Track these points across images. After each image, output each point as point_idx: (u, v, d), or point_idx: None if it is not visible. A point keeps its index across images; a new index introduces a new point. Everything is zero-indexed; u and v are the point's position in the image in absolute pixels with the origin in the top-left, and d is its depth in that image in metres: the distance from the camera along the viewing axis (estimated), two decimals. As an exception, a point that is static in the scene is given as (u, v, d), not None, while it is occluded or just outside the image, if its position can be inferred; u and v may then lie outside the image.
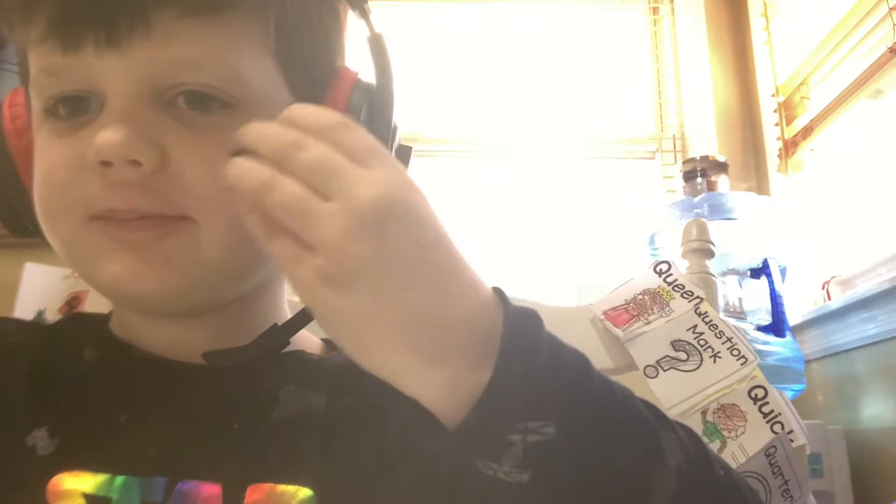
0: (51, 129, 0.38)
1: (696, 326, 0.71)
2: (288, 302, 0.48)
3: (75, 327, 0.45)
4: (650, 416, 0.35)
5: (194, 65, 0.37)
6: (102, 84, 0.37)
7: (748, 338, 0.70)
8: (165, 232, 0.37)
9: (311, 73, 0.42)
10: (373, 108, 0.41)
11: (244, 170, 0.31)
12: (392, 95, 0.41)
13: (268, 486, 0.37)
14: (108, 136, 0.35)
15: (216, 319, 0.42)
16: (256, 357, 0.40)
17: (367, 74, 0.43)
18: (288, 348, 0.43)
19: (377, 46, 0.42)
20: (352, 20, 0.44)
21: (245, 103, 0.38)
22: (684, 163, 1.77)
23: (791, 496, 0.67)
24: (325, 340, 0.48)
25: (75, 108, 0.38)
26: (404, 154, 0.44)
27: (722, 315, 0.73)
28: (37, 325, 0.47)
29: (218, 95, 0.37)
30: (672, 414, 0.67)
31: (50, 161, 0.38)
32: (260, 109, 0.38)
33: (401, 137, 0.44)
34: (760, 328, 1.50)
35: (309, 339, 0.47)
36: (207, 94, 0.37)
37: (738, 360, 0.68)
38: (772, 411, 0.66)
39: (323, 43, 0.43)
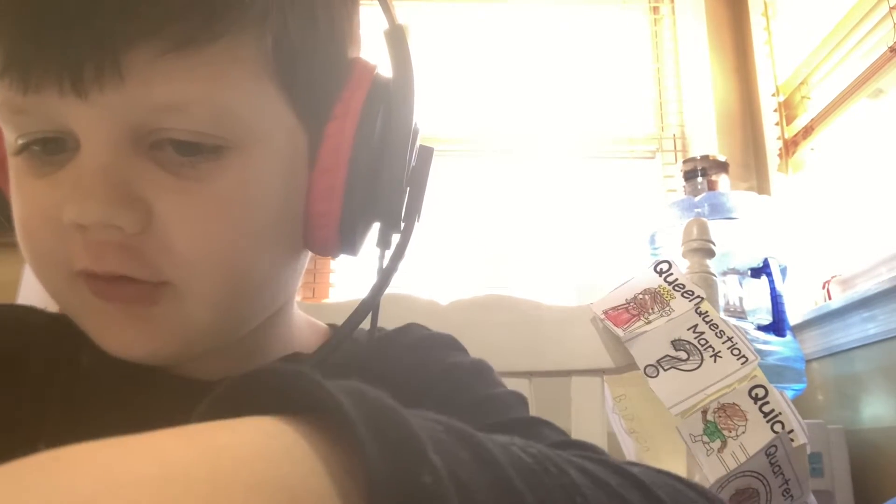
0: (25, 165, 0.34)
1: (696, 326, 0.71)
2: (298, 303, 0.47)
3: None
4: None
5: (179, 109, 0.32)
6: (74, 128, 0.32)
7: (748, 337, 0.70)
8: (151, 301, 0.34)
9: (320, 80, 0.37)
10: (391, 109, 0.38)
11: None
12: (413, 95, 0.38)
13: None
14: (83, 205, 0.31)
15: (224, 351, 0.40)
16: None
17: (377, 65, 0.39)
18: (284, 353, 0.42)
19: (397, 40, 0.38)
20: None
21: (240, 143, 0.34)
22: (685, 162, 1.78)
23: (791, 495, 0.67)
24: (330, 325, 0.47)
25: (47, 146, 0.33)
26: (426, 155, 0.41)
27: (722, 314, 0.73)
28: (54, 318, 0.44)
29: (208, 142, 0.33)
30: (673, 413, 0.68)
31: (27, 207, 0.34)
32: (257, 145, 0.34)
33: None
34: (761, 328, 1.50)
35: (306, 337, 0.45)
36: (196, 143, 0.33)
37: (738, 359, 0.68)
38: (772, 411, 0.66)
39: (333, 40, 0.38)
